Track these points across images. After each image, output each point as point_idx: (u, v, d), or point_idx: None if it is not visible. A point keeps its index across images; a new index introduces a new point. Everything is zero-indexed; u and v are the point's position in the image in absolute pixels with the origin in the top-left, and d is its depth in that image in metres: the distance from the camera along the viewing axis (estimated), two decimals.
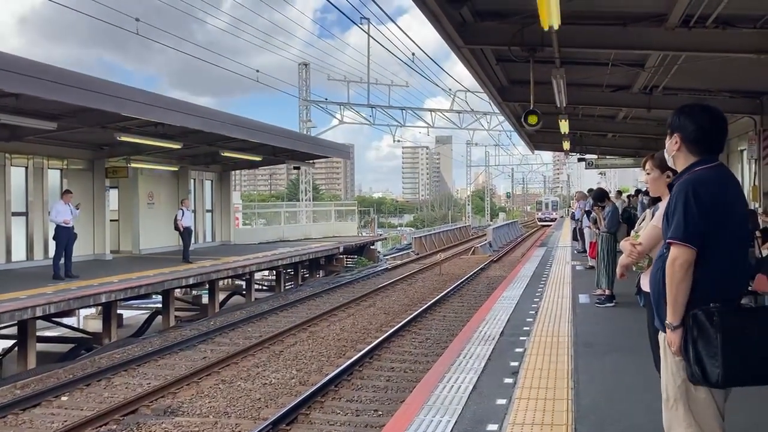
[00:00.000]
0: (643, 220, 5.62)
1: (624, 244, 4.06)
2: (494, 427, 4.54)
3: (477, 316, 9.28)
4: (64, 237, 13.47)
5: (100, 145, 17.74)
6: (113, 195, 20.03)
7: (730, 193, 2.95)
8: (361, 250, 28.85)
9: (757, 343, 2.74)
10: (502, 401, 5.11)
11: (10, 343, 12.93)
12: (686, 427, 2.93)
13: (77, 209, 13.87)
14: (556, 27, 5.92)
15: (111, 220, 19.33)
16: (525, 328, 8.03)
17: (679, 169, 3.07)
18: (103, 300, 12.28)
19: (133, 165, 19.13)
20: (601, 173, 70.24)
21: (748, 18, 7.45)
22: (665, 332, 2.95)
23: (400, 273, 24.93)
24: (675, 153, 3.07)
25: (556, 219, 63.63)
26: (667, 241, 2.89)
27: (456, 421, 4.65)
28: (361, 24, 25.66)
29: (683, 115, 3.05)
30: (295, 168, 28.82)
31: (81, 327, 15.55)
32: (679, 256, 2.83)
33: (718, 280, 2.86)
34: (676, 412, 2.96)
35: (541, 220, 71.74)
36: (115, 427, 7.96)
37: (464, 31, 8.08)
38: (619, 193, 16.04)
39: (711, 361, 2.74)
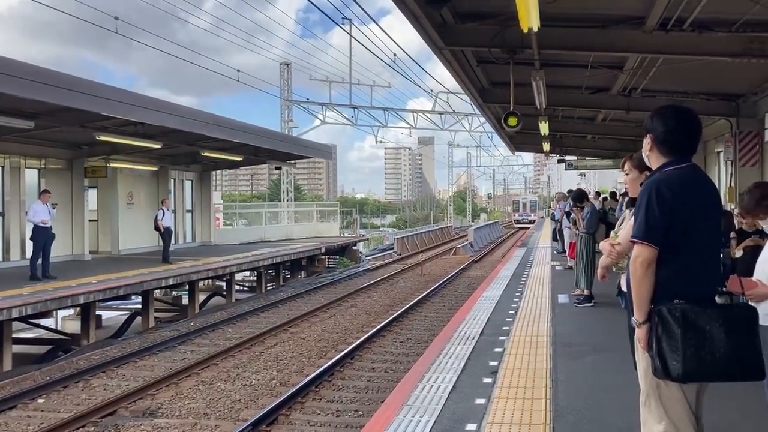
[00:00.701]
0: (624, 220, 5.69)
1: (603, 245, 4.10)
2: (473, 426, 4.56)
3: (457, 316, 9.32)
4: (42, 237, 13.32)
5: (78, 144, 17.55)
6: (92, 195, 19.82)
7: (699, 193, 3.00)
8: (343, 250, 28.82)
9: (720, 341, 2.79)
10: (481, 401, 5.13)
11: None
12: (658, 421, 2.98)
13: (53, 208, 13.70)
14: (535, 29, 5.97)
15: (90, 221, 19.13)
16: (504, 328, 8.08)
17: (653, 169, 3.13)
18: (81, 301, 12.15)
19: (113, 165, 18.96)
20: (581, 174, 70.49)
21: (723, 22, 7.56)
22: None
23: (382, 273, 24.94)
24: (648, 153, 3.13)
25: (535, 221, 59.55)
26: (630, 239, 2.96)
27: (435, 421, 4.67)
28: (343, 24, 25.65)
29: (656, 116, 3.11)
30: (276, 168, 28.73)
31: (59, 328, 15.38)
32: (640, 254, 2.89)
33: (684, 279, 2.91)
34: (649, 407, 3.03)
35: (518, 221, 66.59)
36: (92, 429, 7.88)
37: (445, 32, 8.12)
38: (598, 194, 16.19)
39: (673, 355, 2.80)
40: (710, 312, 2.86)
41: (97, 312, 14.55)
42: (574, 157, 28.13)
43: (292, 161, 27.91)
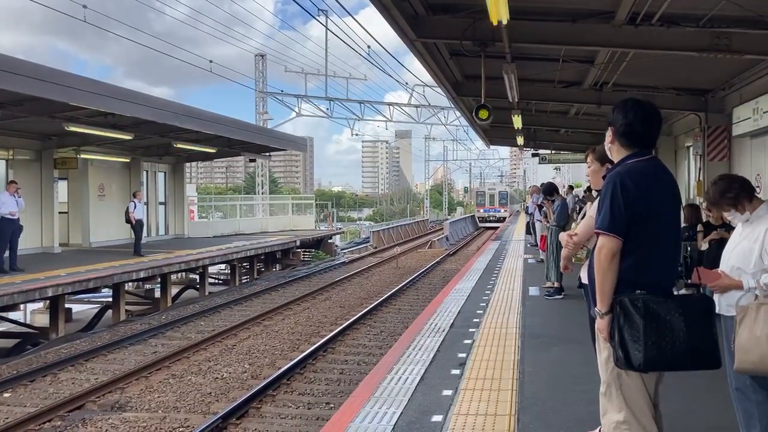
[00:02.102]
0: (584, 213, 5.74)
1: (562, 236, 4.15)
2: (439, 417, 4.58)
3: (429, 309, 9.35)
4: (9, 229, 13.09)
5: (48, 134, 17.25)
6: (62, 186, 19.49)
7: (660, 186, 3.05)
8: (319, 243, 28.75)
9: (679, 331, 2.85)
10: (448, 392, 5.15)
11: None
12: (618, 411, 3.03)
13: (20, 197, 13.45)
14: (504, 22, 5.96)
15: (60, 213, 18.81)
16: (475, 320, 8.12)
17: (615, 162, 3.17)
18: (50, 294, 11.97)
19: (83, 156, 18.67)
20: (555, 168, 68.59)
21: (691, 17, 7.64)
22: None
23: (358, 267, 24.95)
24: (610, 146, 3.17)
25: (506, 218, 48.83)
26: (595, 230, 2.99)
27: (401, 413, 4.68)
28: (319, 16, 25.51)
29: (617, 109, 3.15)
30: (251, 160, 28.55)
31: (28, 322, 15.14)
32: (604, 245, 2.93)
33: (645, 270, 2.95)
34: (609, 396, 3.08)
35: (483, 220, 52.37)
36: (59, 423, 7.77)
37: (416, 24, 8.10)
38: (571, 188, 16.31)
39: (634, 345, 2.85)
40: (670, 302, 2.91)
41: (67, 305, 14.36)
42: (549, 151, 28.32)
43: (267, 153, 27.71)
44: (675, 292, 3.10)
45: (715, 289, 3.45)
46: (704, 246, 6.74)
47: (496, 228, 38.65)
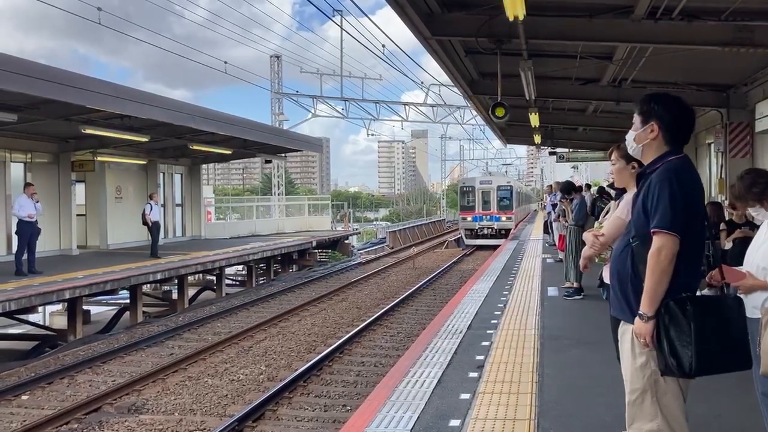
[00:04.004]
0: (608, 211, 5.60)
1: (587, 236, 4.02)
2: (456, 422, 4.48)
3: (446, 310, 9.24)
4: (27, 232, 13.15)
5: (65, 137, 17.36)
6: (80, 189, 19.60)
7: (700, 184, 2.98)
8: (335, 244, 28.72)
9: (724, 333, 2.76)
10: (465, 396, 5.05)
11: None
12: (651, 419, 2.88)
13: (37, 202, 13.52)
14: (521, 18, 5.87)
15: (78, 215, 18.92)
16: (493, 321, 8.00)
17: (649, 159, 3.01)
18: (67, 296, 12.01)
19: (100, 158, 18.77)
20: (573, 167, 67.53)
21: (713, 10, 7.47)
22: (631, 323, 2.89)
23: (374, 267, 24.89)
24: (649, 142, 3.00)
25: (510, 231, 30.23)
26: (652, 230, 2.81)
27: (418, 417, 4.59)
28: (334, 17, 25.47)
29: (661, 104, 2.99)
30: (267, 162, 28.55)
31: (46, 324, 15.23)
32: (665, 245, 2.77)
33: (689, 270, 2.86)
34: (641, 405, 2.90)
35: (472, 234, 32.09)
36: (77, 426, 7.77)
37: (431, 21, 8.01)
38: (588, 186, 16.08)
39: (684, 350, 2.72)
40: (713, 304, 2.83)
41: (86, 307, 14.41)
42: (566, 150, 28.03)
43: (283, 155, 27.73)
44: (698, 293, 2.99)
45: (740, 290, 3.32)
46: (728, 245, 6.58)
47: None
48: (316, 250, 26.66)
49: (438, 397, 5.05)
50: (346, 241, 29.91)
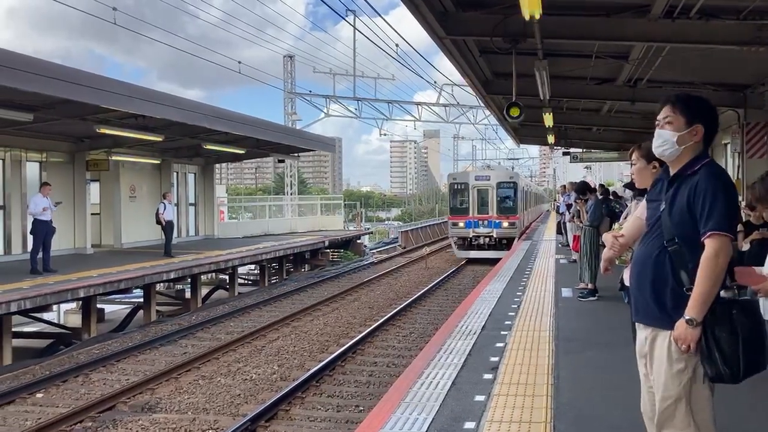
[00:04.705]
0: (630, 212, 5.53)
1: (606, 237, 3.96)
2: (471, 425, 4.44)
3: (459, 310, 9.19)
4: (42, 231, 13.24)
5: (80, 137, 17.46)
6: (94, 188, 19.73)
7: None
8: (347, 244, 28.73)
9: (758, 334, 2.73)
10: (480, 398, 5.01)
11: None
12: (683, 427, 2.80)
13: (55, 206, 13.62)
14: (537, 17, 5.83)
15: (92, 214, 19.04)
16: (507, 323, 7.94)
17: (684, 161, 2.91)
18: (81, 295, 12.08)
19: (115, 158, 18.86)
20: (586, 167, 66.84)
21: (731, 9, 7.38)
22: (668, 329, 2.79)
23: (386, 267, 24.87)
24: (692, 144, 2.91)
25: (513, 240, 24.42)
26: (710, 232, 2.72)
27: (433, 419, 4.55)
28: (347, 16, 25.48)
29: (703, 106, 2.95)
30: (279, 161, 28.63)
31: (61, 322, 15.34)
32: (723, 248, 2.70)
33: (728, 273, 2.81)
34: (674, 412, 2.82)
35: (465, 244, 25.82)
36: (90, 424, 7.80)
37: (446, 21, 7.97)
38: (602, 187, 15.96)
39: (735, 357, 2.69)
40: (751, 307, 2.79)
41: (100, 306, 14.51)
42: (580, 150, 27.88)
43: (296, 154, 27.77)
44: None
45: (760, 293, 3.26)
46: (745, 246, 6.50)
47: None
48: (329, 250, 26.67)
49: (452, 398, 5.01)
50: (359, 241, 29.92)
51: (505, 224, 25.07)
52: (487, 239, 24.95)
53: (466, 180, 26.50)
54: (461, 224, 25.46)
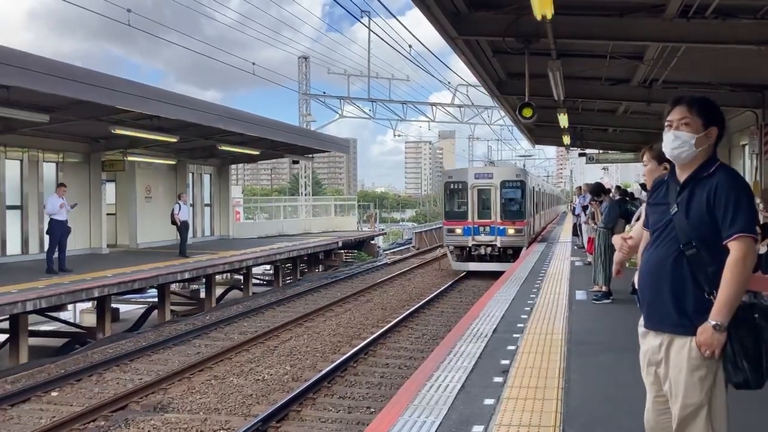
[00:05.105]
0: (640, 215, 5.47)
1: (616, 239, 3.92)
2: (479, 428, 4.40)
3: (471, 312, 9.14)
4: (58, 231, 13.36)
5: (95, 138, 17.62)
6: (110, 188, 19.89)
7: None
8: (361, 244, 28.74)
9: None
10: (490, 401, 4.97)
11: (4, 337, 12.84)
12: None
13: (72, 207, 13.73)
14: (549, 17, 5.77)
15: (108, 214, 19.19)
16: (519, 325, 7.89)
17: (698, 163, 2.86)
18: (96, 294, 12.17)
19: (130, 158, 19.00)
20: (604, 168, 66.11)
21: (748, 8, 7.28)
22: (689, 335, 2.72)
23: (400, 268, 24.84)
24: (706, 147, 2.86)
25: (521, 250, 20.68)
26: (738, 234, 2.66)
27: (441, 422, 4.52)
28: (362, 18, 25.47)
29: (717, 109, 2.91)
30: (294, 162, 28.69)
31: (77, 321, 15.47)
32: (750, 249, 2.65)
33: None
34: (695, 419, 2.76)
35: (463, 254, 22.02)
36: (103, 423, 7.86)
37: (458, 21, 7.93)
38: (619, 188, 15.83)
39: (758, 361, 2.65)
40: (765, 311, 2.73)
41: (115, 305, 14.61)
42: (596, 151, 27.66)
43: (310, 155, 27.83)
44: None
45: None
46: (762, 249, 6.41)
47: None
48: (342, 251, 26.69)
49: (461, 402, 4.98)
50: (372, 242, 29.92)
51: (511, 231, 21.45)
52: (489, 249, 21.57)
53: (464, 178, 22.54)
54: (458, 231, 21.88)
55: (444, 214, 23.39)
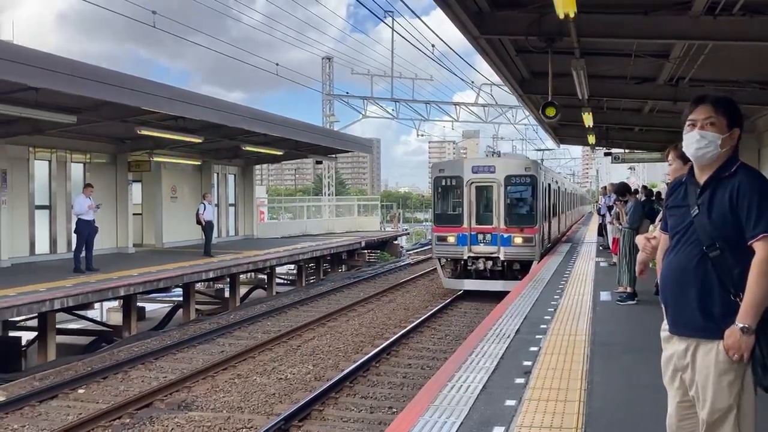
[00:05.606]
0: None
1: (639, 239, 3.88)
2: (500, 429, 4.38)
3: (494, 313, 9.11)
4: (86, 230, 13.56)
5: (122, 138, 17.85)
6: (136, 189, 20.15)
7: None
8: (384, 245, 28.75)
9: None
10: (511, 402, 4.94)
11: (34, 334, 13.06)
12: None
13: (98, 208, 13.93)
14: (572, 15, 5.72)
15: (134, 214, 19.44)
16: (542, 326, 7.84)
17: (720, 163, 2.81)
18: (122, 293, 12.33)
19: (156, 159, 19.21)
20: (630, 168, 65.17)
21: None
22: (717, 338, 2.68)
23: (423, 268, 24.78)
24: (729, 147, 2.82)
25: (531, 262, 16.17)
26: (763, 234, 2.61)
27: (462, 423, 4.51)
28: (386, 18, 25.50)
29: (739, 109, 2.88)
30: (317, 162, 28.80)
31: (104, 320, 15.70)
32: None
33: None
34: (723, 424, 2.71)
35: (455, 268, 17.62)
36: (128, 420, 7.96)
37: (480, 20, 7.89)
38: (645, 188, 15.64)
39: None
40: None
41: (141, 304, 14.80)
42: (622, 150, 27.32)
43: (333, 155, 27.91)
44: None
45: None
46: None
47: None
48: (365, 251, 26.73)
49: (482, 402, 4.96)
50: (395, 242, 29.92)
51: (518, 240, 16.65)
52: (490, 263, 16.79)
53: (458, 173, 17.39)
54: (451, 239, 17.06)
55: (433, 217, 18.34)
